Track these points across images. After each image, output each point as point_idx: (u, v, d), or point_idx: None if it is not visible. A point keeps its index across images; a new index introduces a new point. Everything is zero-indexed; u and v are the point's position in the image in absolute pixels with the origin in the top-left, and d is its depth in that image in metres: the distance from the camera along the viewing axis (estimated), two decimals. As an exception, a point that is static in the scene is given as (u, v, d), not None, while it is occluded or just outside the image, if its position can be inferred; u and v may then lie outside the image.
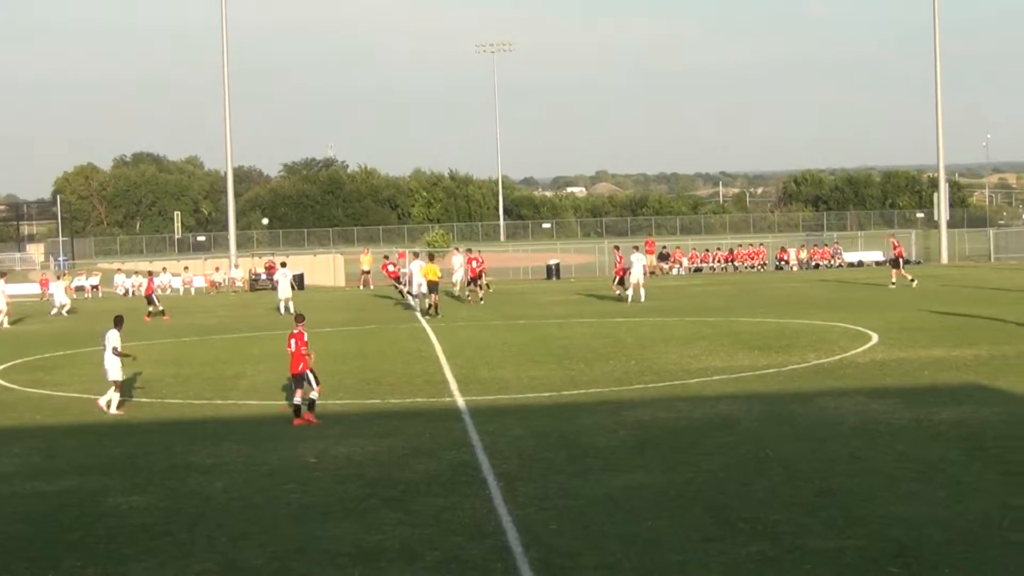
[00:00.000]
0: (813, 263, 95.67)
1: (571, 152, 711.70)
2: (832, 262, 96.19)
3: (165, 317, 56.81)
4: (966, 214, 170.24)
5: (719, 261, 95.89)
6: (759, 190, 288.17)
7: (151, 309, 58.22)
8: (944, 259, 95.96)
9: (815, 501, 18.26)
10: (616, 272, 59.39)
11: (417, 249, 75.48)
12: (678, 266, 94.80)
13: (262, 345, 42.85)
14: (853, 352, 35.41)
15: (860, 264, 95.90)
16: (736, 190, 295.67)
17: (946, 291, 58.47)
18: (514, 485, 19.86)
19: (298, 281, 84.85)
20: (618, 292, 58.03)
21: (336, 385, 31.95)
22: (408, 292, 58.50)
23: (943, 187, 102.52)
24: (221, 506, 19.40)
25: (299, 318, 28.33)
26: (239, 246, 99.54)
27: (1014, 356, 33.35)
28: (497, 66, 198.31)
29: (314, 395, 26.97)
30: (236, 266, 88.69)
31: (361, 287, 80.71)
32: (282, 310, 56.47)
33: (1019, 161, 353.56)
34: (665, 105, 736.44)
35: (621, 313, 52.06)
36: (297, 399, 26.82)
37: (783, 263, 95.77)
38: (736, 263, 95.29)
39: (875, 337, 38.66)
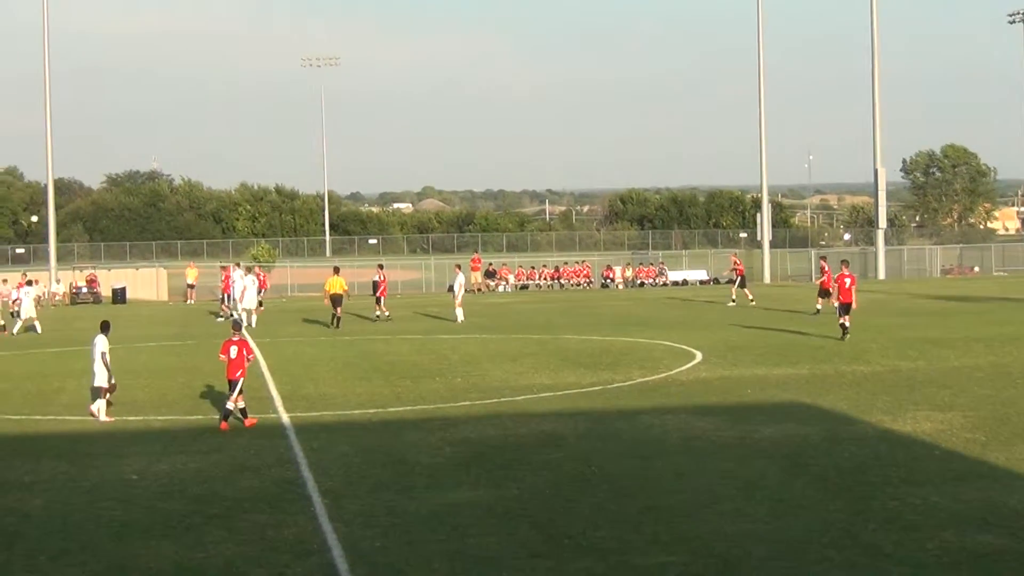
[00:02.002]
0: (638, 281, 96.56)
1: (398, 168, 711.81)
2: (657, 281, 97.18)
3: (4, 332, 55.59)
4: (788, 234, 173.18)
5: (545, 279, 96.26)
6: (585, 208, 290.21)
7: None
8: (767, 279, 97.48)
9: (640, 517, 18.37)
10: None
11: (246, 263, 74.38)
12: (504, 283, 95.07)
13: (83, 360, 41.99)
14: (678, 370, 35.75)
15: (685, 283, 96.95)
16: (563, 208, 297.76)
17: (768, 310, 59.33)
18: (340, 502, 19.70)
19: (120, 295, 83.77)
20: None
21: (159, 400, 31.55)
22: (231, 308, 57.71)
23: (766, 207, 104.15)
24: (39, 524, 18.96)
25: (236, 326, 29.07)
26: (60, 259, 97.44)
27: (834, 375, 33.94)
28: (323, 81, 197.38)
29: (240, 404, 27.43)
30: (57, 280, 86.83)
31: (187, 301, 79.81)
32: (16, 330, 55.37)
33: (840, 182, 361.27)
34: (492, 122, 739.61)
35: (447, 330, 52.02)
36: (231, 404, 27.26)
37: (609, 281, 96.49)
38: (562, 281, 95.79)
39: (699, 355, 39.08)
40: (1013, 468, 21.02)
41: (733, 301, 63.78)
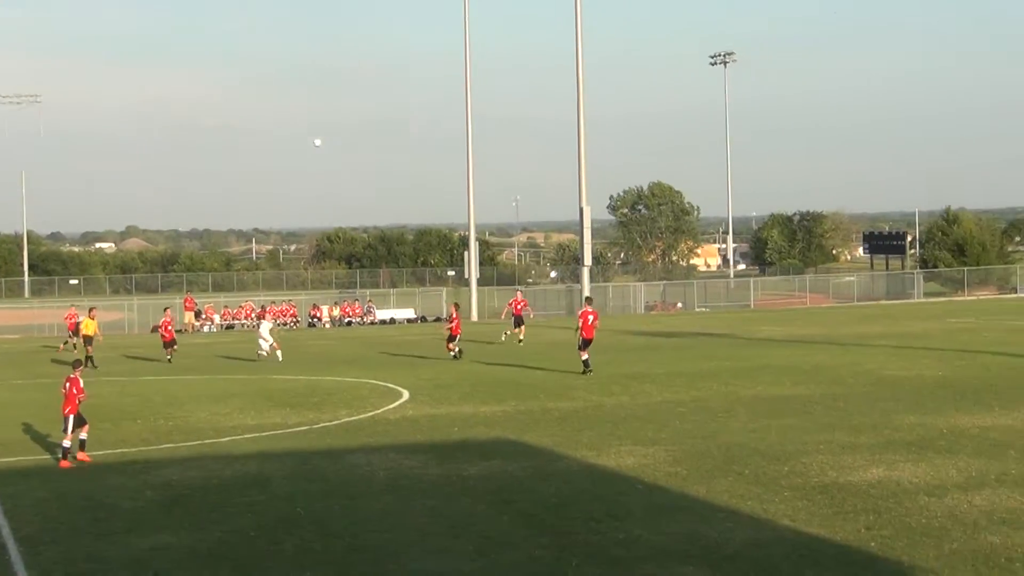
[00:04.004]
0: (346, 320, 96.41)
1: (100, 207, 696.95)
2: (364, 319, 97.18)
3: None
4: (496, 272, 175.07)
5: (250, 318, 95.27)
6: (293, 247, 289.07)
7: None
8: (474, 316, 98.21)
9: (347, 558, 18.21)
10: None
11: None
12: (210, 323, 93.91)
13: None
14: (384, 409, 35.69)
15: (392, 321, 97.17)
16: (270, 247, 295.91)
17: (476, 348, 59.67)
18: (37, 549, 19.09)
19: None
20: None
21: None
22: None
23: (473, 245, 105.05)
24: None
25: (77, 364, 29.66)
26: None
27: (539, 411, 34.27)
28: (22, 118, 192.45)
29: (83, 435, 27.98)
30: None
31: None
32: None
33: (547, 220, 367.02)
34: (197, 162, 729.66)
35: (151, 371, 51.07)
36: (67, 442, 27.53)
37: (315, 320, 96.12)
38: (268, 319, 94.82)
39: (406, 394, 39.09)
40: (713, 500, 21.46)
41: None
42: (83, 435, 28.03)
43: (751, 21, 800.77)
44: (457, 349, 53.04)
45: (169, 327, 57.73)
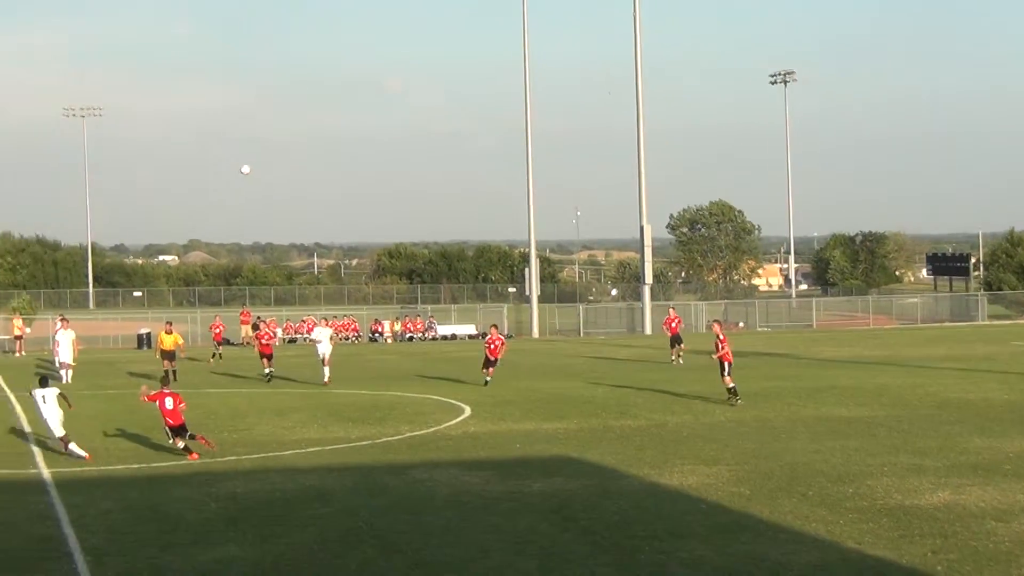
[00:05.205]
0: (407, 335, 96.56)
1: (163, 220, 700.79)
2: (426, 335, 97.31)
3: None
4: (557, 289, 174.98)
5: (312, 331, 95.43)
6: (354, 262, 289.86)
7: None
8: (535, 333, 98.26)
9: (409, 573, 18.24)
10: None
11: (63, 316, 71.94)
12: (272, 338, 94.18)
13: None
14: (446, 424, 35.74)
15: (454, 337, 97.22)
16: (331, 261, 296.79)
17: (537, 364, 59.67)
18: (102, 560, 19.21)
19: None
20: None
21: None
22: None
23: (534, 262, 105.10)
24: None
25: (164, 381, 32.61)
26: None
27: (601, 429, 34.25)
28: (86, 131, 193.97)
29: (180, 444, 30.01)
30: None
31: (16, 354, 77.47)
32: None
33: (607, 238, 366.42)
34: (258, 174, 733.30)
35: (214, 384, 51.36)
36: (180, 444, 29.92)
37: (377, 335, 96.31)
38: (332, 333, 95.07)
39: (468, 410, 39.14)
40: (777, 521, 21.36)
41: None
42: (180, 444, 29.93)
43: (811, 39, 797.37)
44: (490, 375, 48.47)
45: (265, 339, 55.50)
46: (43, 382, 31.87)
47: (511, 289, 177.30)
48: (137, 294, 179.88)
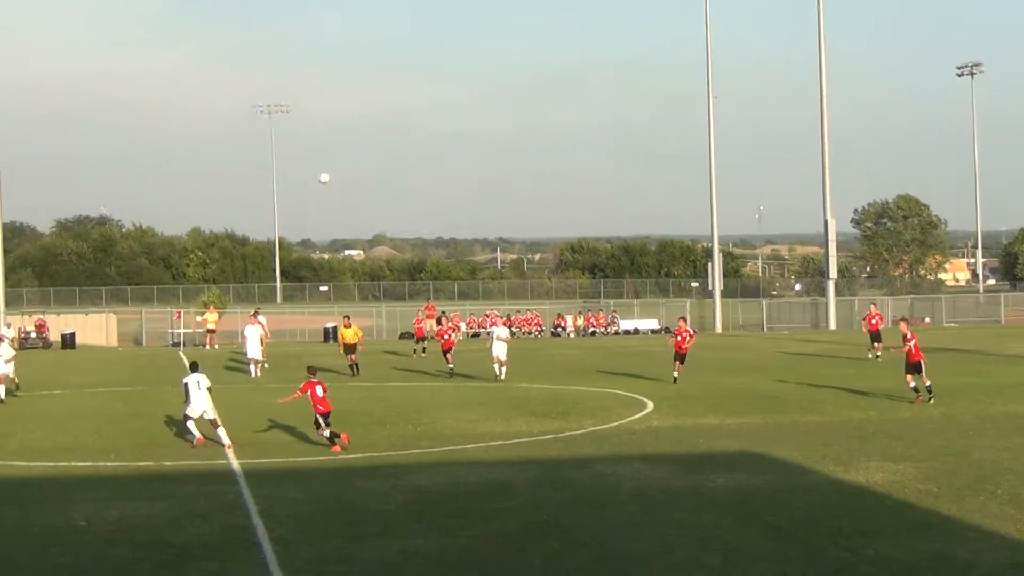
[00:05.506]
0: (590, 330, 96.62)
1: (349, 215, 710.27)
2: (608, 329, 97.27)
3: None
4: (740, 284, 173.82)
5: (495, 324, 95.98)
6: (536, 256, 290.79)
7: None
8: (718, 328, 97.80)
9: (592, 567, 18.26)
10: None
11: (257, 309, 72.96)
12: (455, 331, 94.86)
13: (33, 406, 41.77)
14: (629, 419, 35.70)
15: (636, 332, 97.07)
16: (514, 256, 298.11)
17: (720, 360, 59.33)
18: (290, 549, 19.50)
19: (69, 340, 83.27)
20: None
21: (108, 447, 31.26)
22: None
23: (717, 257, 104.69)
24: (-15, 571, 18.70)
25: (312, 370, 31.88)
26: (8, 304, 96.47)
27: (787, 424, 33.98)
28: (274, 127, 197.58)
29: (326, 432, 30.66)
30: (7, 324, 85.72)
31: (208, 347, 78.90)
32: None
33: (791, 233, 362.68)
34: (443, 170, 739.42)
35: (398, 378, 51.92)
36: (326, 432, 30.52)
37: (560, 329, 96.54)
38: (513, 329, 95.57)
39: (650, 405, 39.05)
40: (965, 519, 21.00)
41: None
42: (326, 432, 30.60)
43: (999, 30, 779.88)
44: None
45: (446, 335, 55.42)
46: (194, 367, 32.88)
47: (694, 284, 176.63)
48: (323, 288, 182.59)
